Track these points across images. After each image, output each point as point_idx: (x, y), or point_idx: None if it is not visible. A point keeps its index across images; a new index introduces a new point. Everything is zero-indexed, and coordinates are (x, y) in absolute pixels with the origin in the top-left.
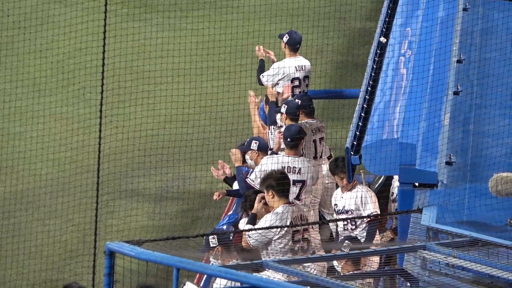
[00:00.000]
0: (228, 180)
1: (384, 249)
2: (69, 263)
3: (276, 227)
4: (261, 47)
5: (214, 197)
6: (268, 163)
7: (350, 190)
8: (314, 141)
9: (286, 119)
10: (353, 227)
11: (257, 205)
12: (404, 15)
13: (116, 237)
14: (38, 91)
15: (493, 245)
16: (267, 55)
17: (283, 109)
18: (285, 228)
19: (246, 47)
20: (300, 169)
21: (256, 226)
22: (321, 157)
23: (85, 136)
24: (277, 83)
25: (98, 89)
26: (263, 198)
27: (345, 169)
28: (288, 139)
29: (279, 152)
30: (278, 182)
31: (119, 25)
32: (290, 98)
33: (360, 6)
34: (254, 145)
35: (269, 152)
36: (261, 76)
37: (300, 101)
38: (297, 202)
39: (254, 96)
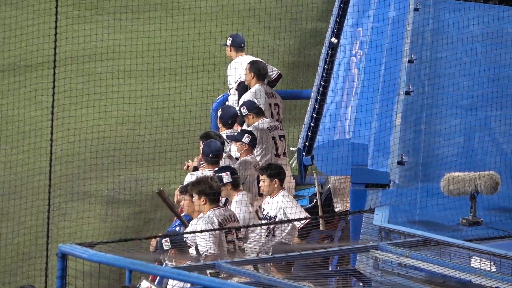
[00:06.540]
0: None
1: (336, 249)
2: (22, 266)
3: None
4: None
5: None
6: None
7: (273, 196)
8: (273, 138)
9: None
10: (272, 236)
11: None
12: (355, 16)
13: (69, 239)
14: None
15: (445, 244)
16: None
17: (219, 115)
18: (217, 231)
19: (198, 48)
20: None
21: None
22: (284, 154)
23: (37, 139)
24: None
25: (50, 92)
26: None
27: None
28: (210, 155)
29: (200, 169)
30: (212, 189)
31: (71, 27)
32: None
33: (312, 7)
34: (247, 138)
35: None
36: (228, 84)
37: (244, 106)
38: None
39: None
